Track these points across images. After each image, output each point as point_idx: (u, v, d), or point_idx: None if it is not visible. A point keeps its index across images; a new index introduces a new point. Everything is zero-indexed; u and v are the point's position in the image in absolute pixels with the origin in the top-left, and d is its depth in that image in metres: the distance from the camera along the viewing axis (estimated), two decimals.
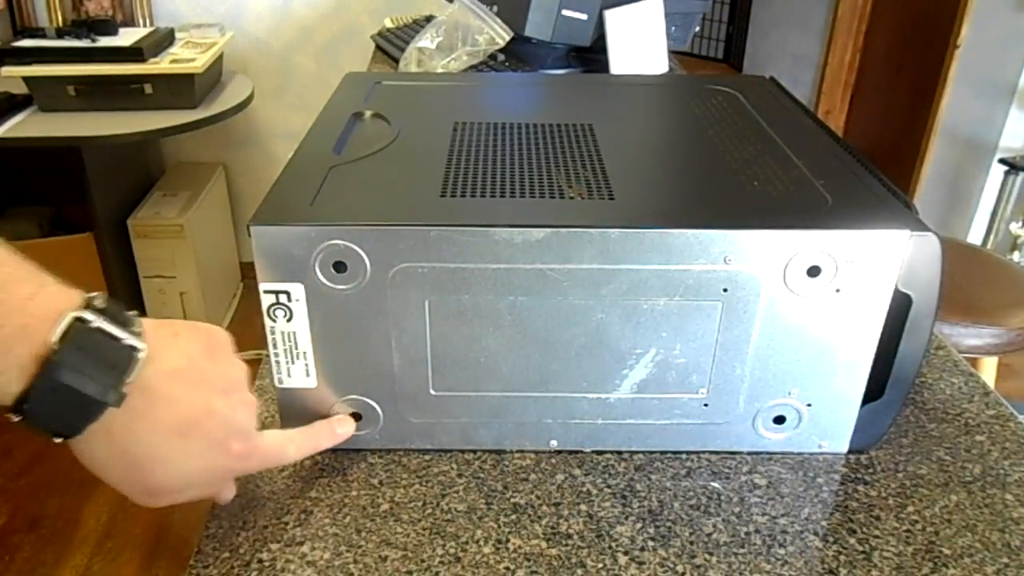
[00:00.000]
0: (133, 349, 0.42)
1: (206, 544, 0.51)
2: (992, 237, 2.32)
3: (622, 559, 0.50)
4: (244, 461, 0.49)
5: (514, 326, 0.53)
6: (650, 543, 0.51)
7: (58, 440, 0.43)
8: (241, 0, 2.28)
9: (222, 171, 2.45)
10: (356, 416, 0.57)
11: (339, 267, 0.51)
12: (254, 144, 2.47)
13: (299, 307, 0.52)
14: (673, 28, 1.36)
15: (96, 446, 0.44)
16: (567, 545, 0.51)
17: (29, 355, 0.40)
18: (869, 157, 0.61)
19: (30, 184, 2.22)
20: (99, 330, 0.41)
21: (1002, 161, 2.29)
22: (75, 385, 0.40)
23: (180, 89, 1.92)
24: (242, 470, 0.51)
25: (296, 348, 0.54)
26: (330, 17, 2.33)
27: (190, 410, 0.45)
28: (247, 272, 2.55)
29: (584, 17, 1.27)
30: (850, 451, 0.59)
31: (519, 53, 1.35)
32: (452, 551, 0.50)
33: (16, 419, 0.41)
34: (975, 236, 2.49)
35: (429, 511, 0.53)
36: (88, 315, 0.41)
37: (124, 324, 0.43)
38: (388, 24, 1.72)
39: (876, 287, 0.52)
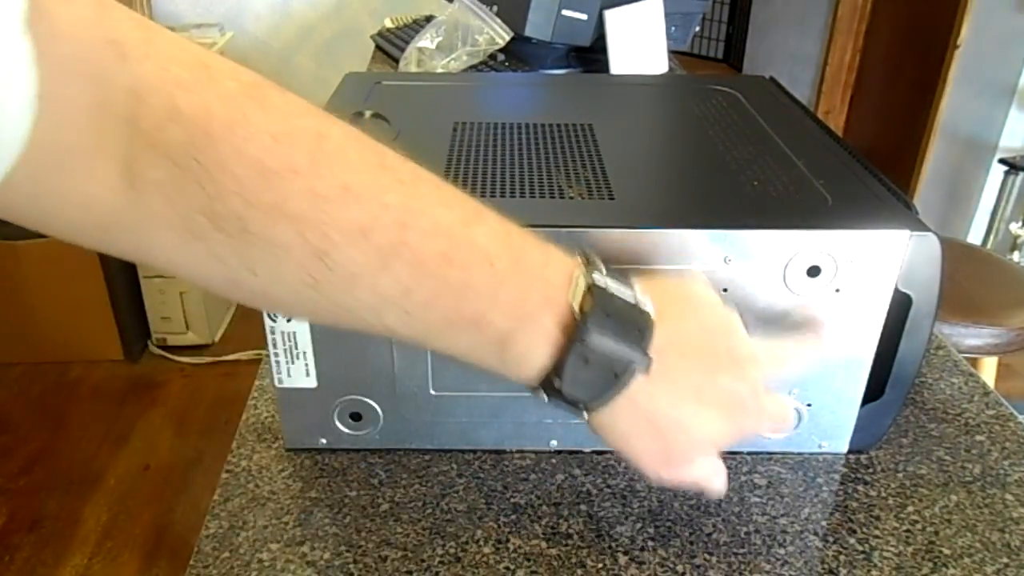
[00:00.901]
0: (645, 310, 0.40)
1: (206, 544, 0.51)
2: (992, 237, 2.32)
3: (622, 559, 0.50)
4: (755, 419, 0.45)
5: None
6: (650, 543, 0.51)
7: (585, 414, 0.41)
8: (241, 0, 2.28)
9: None
10: (356, 416, 0.57)
11: None
12: None
13: None
14: (673, 28, 1.36)
15: (621, 416, 0.41)
16: (567, 545, 0.51)
17: (557, 325, 0.38)
18: (869, 157, 0.61)
19: None
20: (613, 293, 0.40)
21: (1002, 161, 2.29)
22: (607, 351, 0.39)
23: None
24: (751, 430, 0.46)
25: (296, 348, 0.54)
26: (330, 17, 2.33)
27: (703, 370, 0.43)
28: None
29: (584, 17, 1.27)
30: (850, 451, 0.59)
31: (519, 53, 1.35)
32: (452, 551, 0.50)
33: (542, 394, 0.40)
34: (975, 236, 2.49)
35: (429, 511, 0.53)
36: (598, 277, 0.40)
37: (627, 283, 0.41)
38: (388, 24, 1.72)
39: (876, 287, 0.52)
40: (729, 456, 0.58)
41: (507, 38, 1.29)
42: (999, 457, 0.59)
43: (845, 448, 0.59)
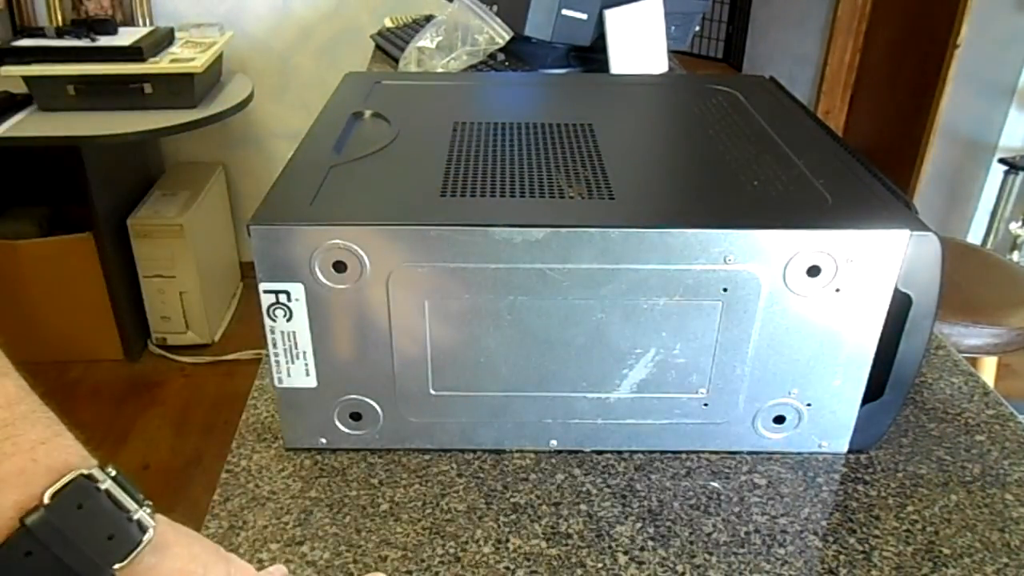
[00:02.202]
0: (140, 526, 0.36)
1: None
2: (992, 237, 2.32)
3: (622, 559, 0.50)
4: None
5: (514, 326, 0.53)
6: (650, 543, 0.51)
7: None
8: (241, 0, 2.28)
9: (222, 171, 2.45)
10: (356, 416, 0.57)
11: (339, 267, 0.51)
12: (254, 144, 2.47)
13: (299, 307, 0.52)
14: (673, 28, 1.36)
15: None
16: (567, 545, 0.51)
17: (14, 505, 0.33)
18: (869, 157, 0.61)
19: (30, 184, 2.22)
20: (107, 493, 0.35)
21: (1002, 161, 2.29)
22: (56, 551, 0.33)
23: (180, 89, 1.92)
24: None
25: (296, 348, 0.54)
26: (330, 17, 2.33)
27: None
28: (247, 272, 2.55)
29: (584, 17, 1.27)
30: (850, 451, 0.59)
31: (519, 53, 1.35)
32: (452, 551, 0.50)
33: None
34: (975, 236, 2.49)
35: (429, 511, 0.53)
36: (99, 475, 0.36)
37: (137, 499, 0.37)
38: (388, 24, 1.72)
39: (876, 287, 0.52)
40: (729, 456, 0.58)
41: (507, 38, 1.29)
42: (999, 457, 0.59)
43: (845, 448, 0.59)
